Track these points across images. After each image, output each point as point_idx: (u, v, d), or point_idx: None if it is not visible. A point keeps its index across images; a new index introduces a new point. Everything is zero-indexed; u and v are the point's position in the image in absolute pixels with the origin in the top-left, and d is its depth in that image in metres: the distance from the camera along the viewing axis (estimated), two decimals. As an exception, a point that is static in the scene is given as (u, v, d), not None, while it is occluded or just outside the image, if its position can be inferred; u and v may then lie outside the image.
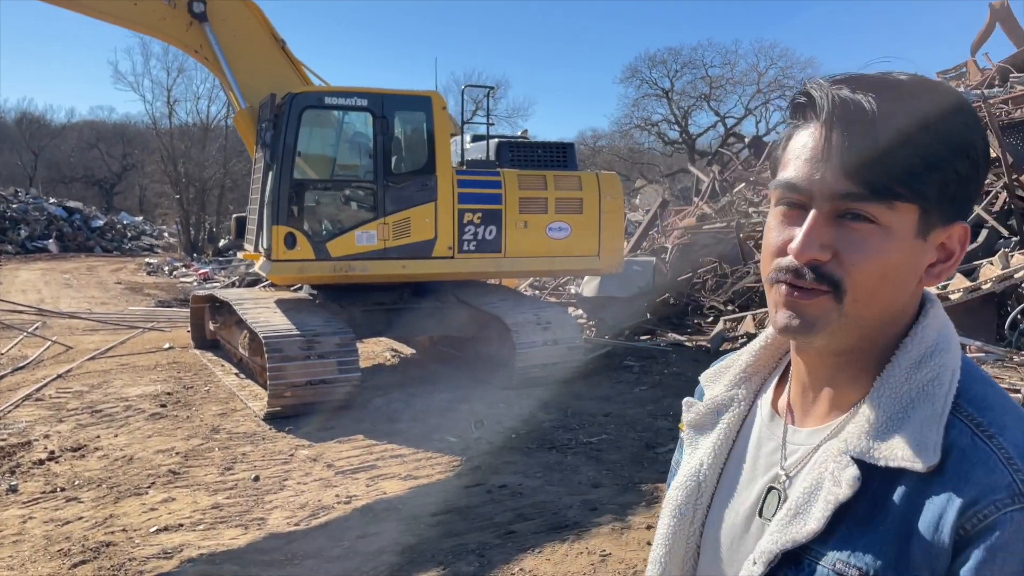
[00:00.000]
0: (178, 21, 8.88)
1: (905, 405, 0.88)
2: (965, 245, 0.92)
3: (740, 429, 1.09)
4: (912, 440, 0.85)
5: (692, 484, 1.08)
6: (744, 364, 1.11)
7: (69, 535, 4.92)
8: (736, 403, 1.09)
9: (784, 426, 1.01)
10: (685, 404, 1.15)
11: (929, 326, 0.92)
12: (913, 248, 0.88)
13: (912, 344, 0.91)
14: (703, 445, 1.10)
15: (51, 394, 8.50)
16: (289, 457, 6.42)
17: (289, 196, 8.04)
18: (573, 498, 5.43)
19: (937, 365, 0.89)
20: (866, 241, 0.87)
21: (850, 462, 0.88)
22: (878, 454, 0.87)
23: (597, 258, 9.46)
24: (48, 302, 16.61)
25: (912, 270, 0.90)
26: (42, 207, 36.35)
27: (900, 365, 0.90)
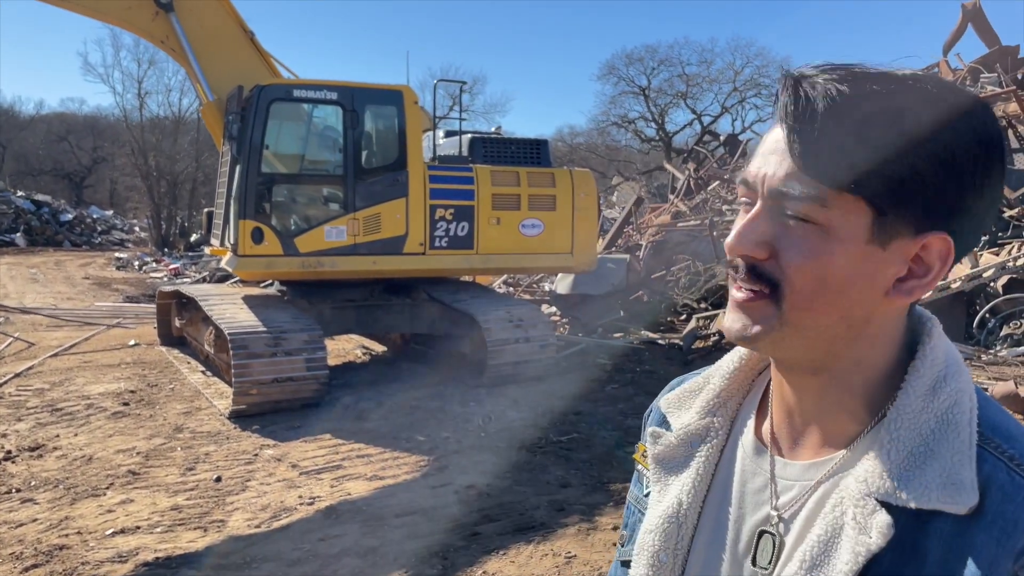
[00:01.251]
0: (144, 11, 8.68)
1: (926, 437, 0.78)
2: (947, 260, 0.80)
3: (718, 462, 0.97)
4: (944, 477, 0.75)
5: (671, 527, 0.95)
6: (717, 388, 0.99)
7: (22, 537, 4.78)
8: (713, 433, 0.98)
9: (771, 459, 0.91)
10: (651, 437, 1.02)
11: (936, 347, 0.83)
12: (865, 255, 0.78)
13: (924, 368, 0.81)
14: (678, 482, 0.97)
15: (10, 392, 8.29)
16: (253, 457, 6.30)
17: (256, 190, 7.90)
18: (540, 498, 5.36)
19: (954, 390, 0.80)
20: (804, 241, 0.79)
21: (877, 507, 0.77)
22: (907, 495, 0.76)
23: (570, 255, 9.41)
24: (13, 297, 16.27)
25: (865, 280, 0.79)
26: (9, 200, 35.61)
27: (914, 392, 0.80)
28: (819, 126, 0.76)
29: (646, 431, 1.07)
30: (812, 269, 0.79)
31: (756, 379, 1.01)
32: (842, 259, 0.78)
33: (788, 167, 0.79)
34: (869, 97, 0.76)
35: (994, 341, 8.57)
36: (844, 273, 0.79)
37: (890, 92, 0.76)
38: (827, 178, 0.76)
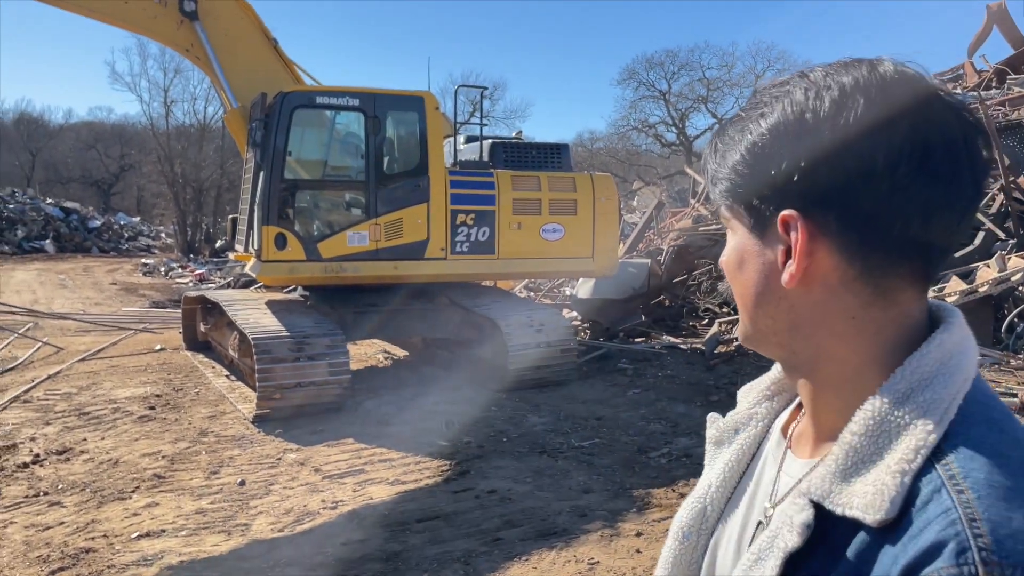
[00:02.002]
0: (169, 20, 8.81)
1: (881, 445, 0.76)
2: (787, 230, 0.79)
3: (756, 451, 1.00)
4: (873, 487, 0.74)
5: (699, 506, 1.00)
6: (768, 380, 1.02)
7: (49, 541, 4.84)
8: (755, 421, 1.01)
9: (785, 453, 0.93)
10: (709, 419, 1.07)
11: (930, 355, 0.78)
12: (754, 248, 0.85)
13: (901, 375, 0.78)
14: (716, 464, 1.02)
15: (39, 396, 8.41)
16: (276, 461, 6.34)
17: (280, 196, 7.97)
18: (563, 504, 5.34)
19: (927, 401, 0.76)
20: (726, 250, 0.90)
21: (807, 506, 0.78)
22: (837, 500, 0.76)
23: (591, 260, 9.39)
24: (43, 303, 16.53)
25: (760, 267, 0.84)
26: (39, 207, 36.23)
27: (883, 398, 0.78)
28: (704, 155, 0.91)
29: None
30: (730, 272, 0.89)
31: None
32: (736, 250, 0.87)
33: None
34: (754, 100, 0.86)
35: (1023, 346, 8.43)
36: (742, 262, 0.86)
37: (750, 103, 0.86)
38: (714, 196, 0.88)
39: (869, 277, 0.78)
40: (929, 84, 0.78)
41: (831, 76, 0.79)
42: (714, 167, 0.87)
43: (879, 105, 0.75)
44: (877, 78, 0.77)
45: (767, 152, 0.80)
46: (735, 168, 0.84)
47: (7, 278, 21.77)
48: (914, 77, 0.78)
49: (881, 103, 0.75)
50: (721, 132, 0.88)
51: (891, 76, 0.77)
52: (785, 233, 0.80)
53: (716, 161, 0.87)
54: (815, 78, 0.80)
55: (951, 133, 0.75)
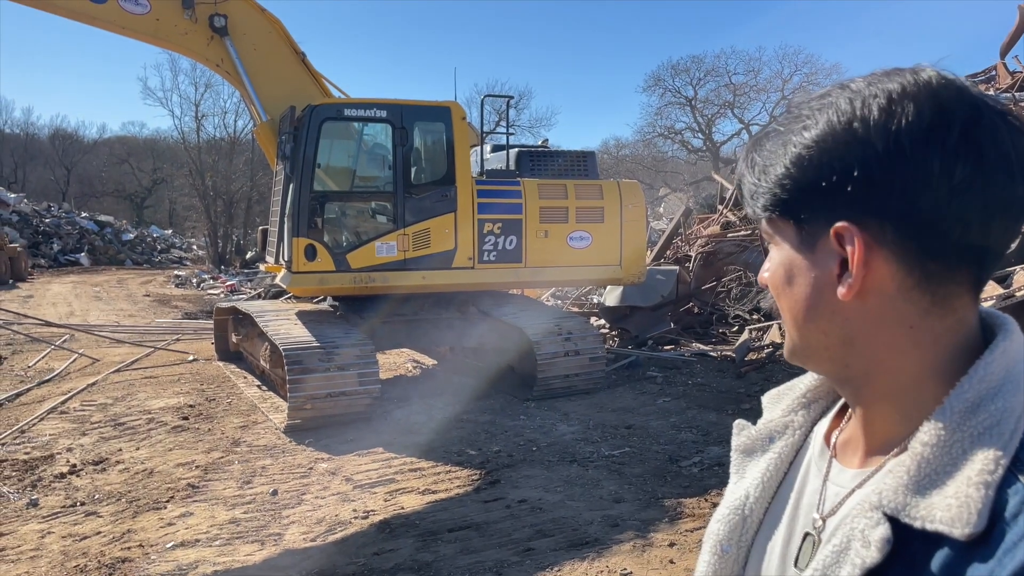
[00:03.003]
0: (199, 36, 8.95)
1: (955, 456, 0.74)
2: (843, 242, 0.78)
3: (793, 460, 0.98)
4: (956, 500, 0.72)
5: (736, 518, 0.97)
6: (805, 387, 1.00)
7: (86, 551, 4.91)
8: (791, 430, 0.99)
9: (830, 462, 0.91)
10: (736, 427, 1.05)
11: (995, 362, 0.77)
12: (803, 262, 0.83)
13: (969, 384, 0.76)
14: (751, 474, 1.00)
15: (75, 407, 8.55)
16: (308, 471, 6.38)
17: (309, 208, 8.05)
18: (594, 513, 5.31)
19: (999, 410, 0.75)
20: (770, 265, 0.88)
21: (882, 520, 0.76)
22: (915, 513, 0.74)
23: (619, 267, 9.35)
24: (78, 315, 16.83)
25: (810, 282, 0.82)
26: (74, 221, 36.99)
27: (952, 408, 0.76)
28: (739, 170, 0.88)
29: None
30: (776, 288, 0.86)
31: None
32: (783, 266, 0.85)
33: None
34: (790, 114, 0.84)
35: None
36: (790, 279, 0.84)
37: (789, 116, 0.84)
38: (757, 206, 0.86)
39: (927, 285, 0.77)
40: (970, 88, 0.77)
41: (875, 85, 0.78)
42: (753, 182, 0.85)
43: (930, 110, 0.74)
44: (923, 84, 0.76)
45: (815, 164, 0.78)
46: (779, 182, 0.82)
47: (43, 291, 22.20)
48: (958, 82, 0.77)
49: (931, 108, 0.74)
50: (757, 146, 0.86)
51: (936, 82, 0.76)
52: (839, 245, 0.78)
53: (755, 176, 0.85)
54: (857, 88, 0.79)
55: (1001, 136, 0.75)
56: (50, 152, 55.94)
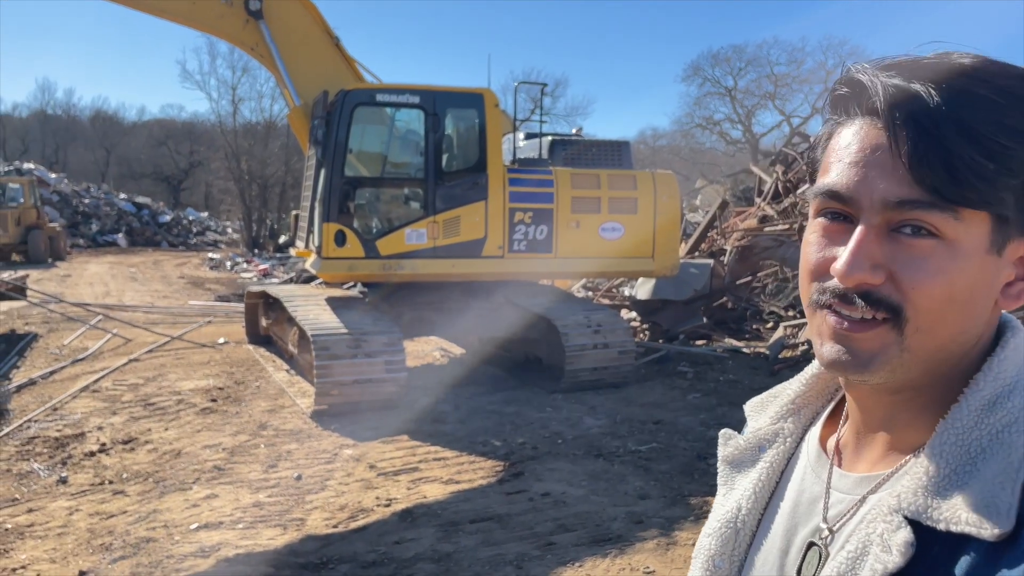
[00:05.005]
0: (235, 19, 8.96)
1: (974, 455, 0.72)
2: None
3: (784, 469, 0.94)
4: (980, 500, 0.69)
5: (728, 532, 0.93)
6: (794, 394, 0.97)
7: (112, 529, 4.95)
8: (781, 438, 0.95)
9: (830, 469, 0.87)
10: (722, 437, 1.01)
11: (1008, 359, 0.76)
12: (985, 265, 0.73)
13: (985, 381, 0.75)
14: (741, 485, 0.96)
15: (107, 386, 8.67)
16: (333, 456, 6.38)
17: (340, 193, 8.02)
18: (618, 509, 5.23)
19: (1016, 407, 0.73)
20: (929, 259, 0.72)
21: (903, 523, 0.72)
22: (938, 515, 0.71)
23: (651, 260, 9.21)
24: (113, 295, 17.10)
25: (986, 291, 0.75)
26: (113, 202, 37.58)
27: (969, 406, 0.74)
28: (935, 133, 0.69)
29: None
30: (940, 288, 0.72)
31: (838, 388, 0.96)
32: (967, 274, 0.73)
33: (903, 179, 0.71)
34: (978, 96, 0.70)
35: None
36: (969, 287, 0.73)
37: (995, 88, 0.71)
38: (954, 193, 0.70)
39: None
40: None
41: None
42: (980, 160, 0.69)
43: None
44: None
45: None
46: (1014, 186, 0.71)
47: (81, 270, 22.60)
48: None
49: None
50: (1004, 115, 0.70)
51: None
52: None
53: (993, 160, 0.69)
54: None
55: None
56: (90, 133, 56.89)
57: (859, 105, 0.75)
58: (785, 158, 18.28)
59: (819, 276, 0.78)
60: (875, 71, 0.74)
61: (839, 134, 0.77)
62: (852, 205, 0.75)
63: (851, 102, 0.76)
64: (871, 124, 0.74)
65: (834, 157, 0.77)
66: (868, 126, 0.74)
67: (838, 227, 0.76)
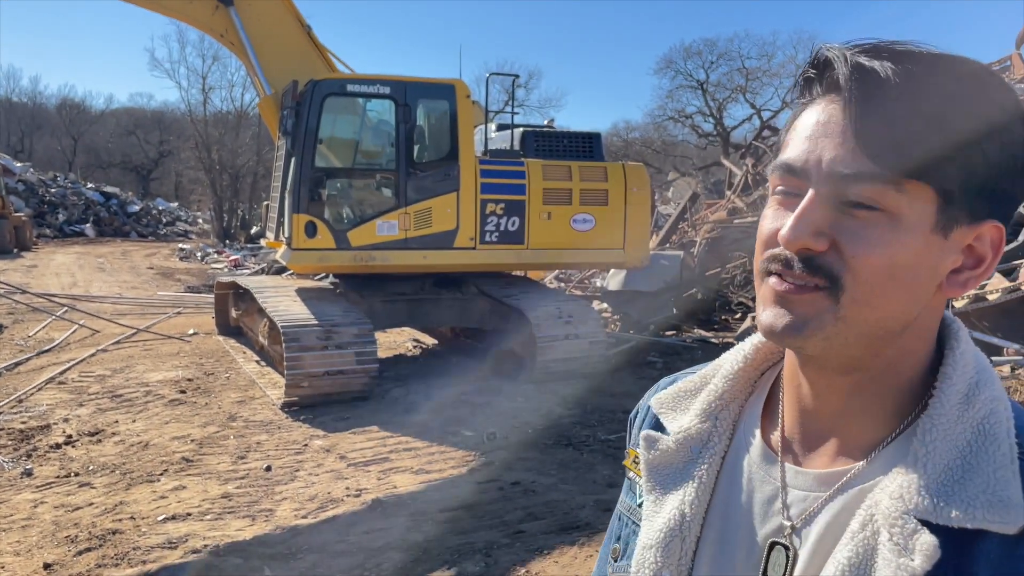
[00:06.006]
0: (205, 5, 8.85)
1: (962, 450, 0.73)
2: (999, 249, 0.77)
3: (720, 469, 0.90)
4: (988, 494, 0.70)
5: (673, 542, 0.88)
6: (719, 390, 0.93)
7: (78, 521, 4.91)
8: (716, 438, 0.91)
9: (781, 466, 0.85)
10: (645, 440, 0.94)
11: (966, 352, 0.79)
12: (929, 244, 0.74)
13: (956, 374, 0.76)
14: (677, 492, 0.90)
15: (74, 378, 8.56)
16: (303, 447, 6.37)
17: (310, 184, 7.98)
18: (586, 497, 5.29)
19: (989, 399, 0.75)
20: (871, 230, 0.73)
21: (919, 526, 0.71)
22: (951, 513, 0.70)
23: (622, 251, 9.28)
24: (80, 286, 16.85)
25: (929, 272, 0.75)
26: (80, 192, 36.95)
27: (948, 400, 0.75)
28: (888, 109, 0.72)
29: (637, 435, 1.00)
30: (879, 260, 0.74)
31: (759, 380, 0.95)
32: (909, 249, 0.74)
33: (851, 150, 0.73)
34: (933, 79, 0.72)
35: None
36: (910, 264, 0.74)
37: (950, 75, 0.73)
38: (898, 164, 0.72)
39: None
40: None
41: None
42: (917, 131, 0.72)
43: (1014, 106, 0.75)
44: None
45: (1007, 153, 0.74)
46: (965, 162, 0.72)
47: (47, 261, 22.23)
48: None
49: None
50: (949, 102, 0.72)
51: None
52: (979, 242, 0.77)
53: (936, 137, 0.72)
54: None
55: None
56: (57, 122, 55.87)
57: (823, 83, 0.78)
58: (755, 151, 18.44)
59: (769, 246, 0.79)
60: (842, 49, 0.76)
61: (802, 115, 0.80)
62: (803, 176, 0.77)
63: (816, 83, 0.79)
64: (831, 100, 0.76)
65: (793, 135, 0.79)
66: (828, 102, 0.77)
67: (791, 201, 0.78)
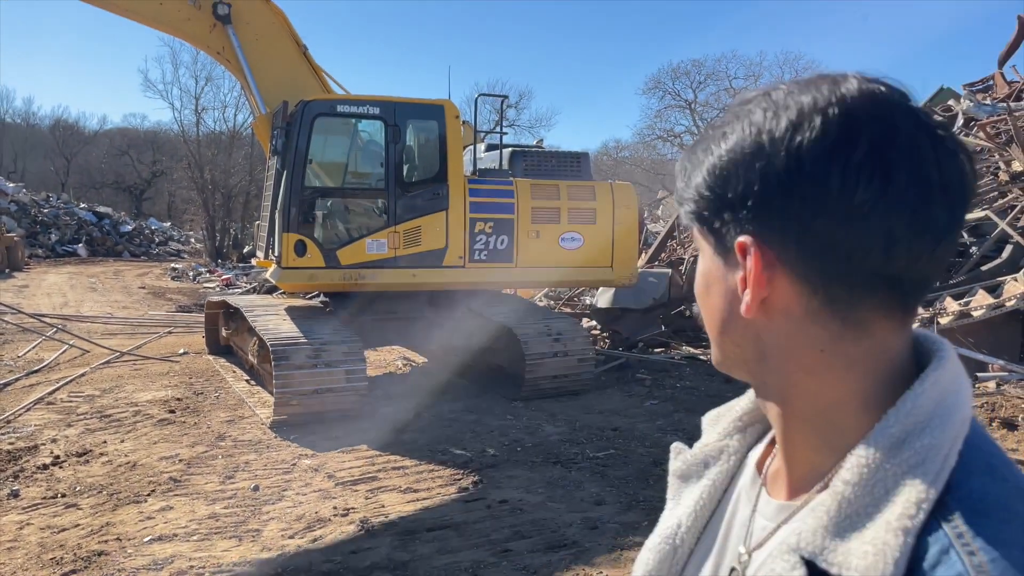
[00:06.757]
0: (202, 22, 8.94)
1: (877, 497, 0.69)
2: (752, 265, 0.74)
3: (727, 487, 0.93)
4: (873, 546, 0.67)
5: (667, 548, 0.93)
6: (740, 411, 0.95)
7: (64, 543, 4.90)
8: (726, 455, 0.94)
9: (760, 492, 0.87)
10: (673, 450, 0.99)
11: (924, 394, 0.72)
12: (719, 268, 0.80)
13: (896, 418, 0.71)
14: (685, 501, 0.95)
15: (63, 398, 8.54)
16: (291, 467, 6.37)
17: (299, 204, 8.02)
18: (574, 515, 5.30)
19: (925, 447, 0.69)
20: (699, 267, 0.85)
21: (799, 563, 0.71)
22: (833, 558, 0.69)
23: (610, 269, 9.33)
24: (72, 305, 16.81)
25: (725, 294, 0.79)
26: (73, 212, 36.92)
27: (876, 443, 0.71)
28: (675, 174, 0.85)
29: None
30: (698, 295, 0.85)
31: None
32: (705, 279, 0.83)
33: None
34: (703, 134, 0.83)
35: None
36: (711, 293, 0.82)
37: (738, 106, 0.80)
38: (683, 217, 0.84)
39: (834, 309, 0.73)
40: (898, 102, 0.72)
41: (791, 95, 0.74)
42: (680, 187, 0.83)
43: (837, 126, 0.70)
44: (837, 97, 0.71)
45: (726, 175, 0.76)
46: (698, 190, 0.79)
47: (39, 281, 22.18)
48: (880, 95, 0.72)
49: (839, 123, 0.70)
50: (690, 151, 0.83)
51: (853, 95, 0.71)
52: (743, 259, 0.75)
53: (683, 181, 0.82)
54: (776, 97, 0.75)
55: (920, 155, 0.69)
56: (50, 142, 55.90)
57: None
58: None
59: None
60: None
61: None
62: None
63: None
64: None
65: None
66: None
67: None
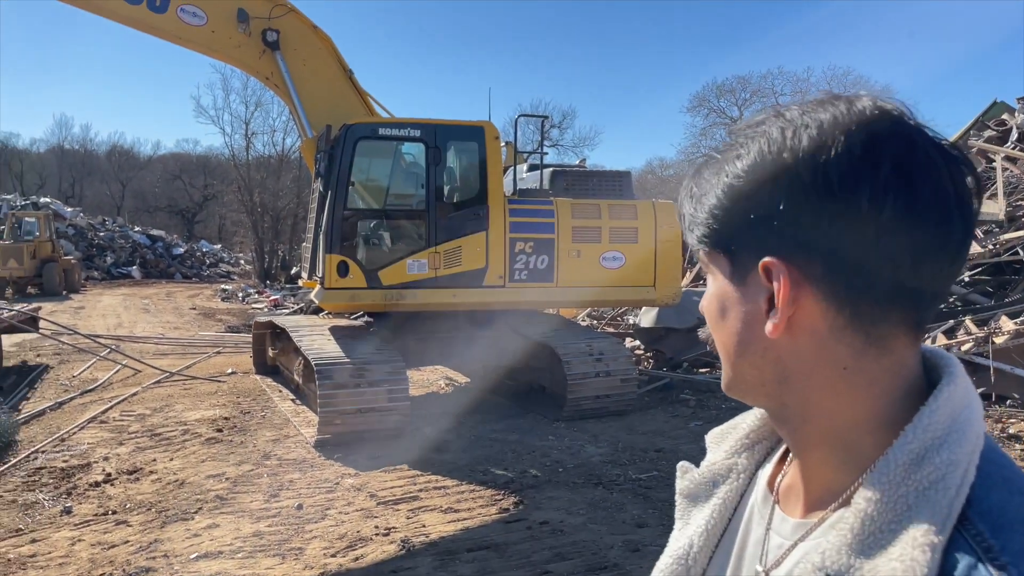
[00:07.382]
0: (252, 49, 9.21)
1: (899, 513, 0.70)
2: (781, 286, 0.74)
3: (737, 506, 0.93)
4: (901, 563, 0.67)
5: (679, 569, 0.93)
6: (747, 429, 0.96)
7: (113, 559, 5.00)
8: (735, 474, 0.94)
9: (773, 510, 0.87)
10: (679, 469, 1.00)
11: (939, 410, 0.73)
12: (735, 293, 0.80)
13: (915, 433, 0.72)
14: (695, 521, 0.95)
15: (115, 417, 8.76)
16: (334, 485, 6.42)
17: (342, 225, 8.16)
18: (615, 538, 5.24)
19: (944, 463, 0.70)
20: (708, 294, 0.85)
21: None
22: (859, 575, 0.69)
23: (653, 288, 9.27)
24: (125, 326, 17.28)
25: (744, 317, 0.79)
26: (128, 235, 38.08)
27: (896, 460, 0.71)
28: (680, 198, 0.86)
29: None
30: (711, 319, 0.84)
31: None
32: (716, 300, 0.82)
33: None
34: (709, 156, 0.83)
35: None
36: (728, 317, 0.81)
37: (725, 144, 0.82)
38: (692, 242, 0.85)
39: (859, 325, 0.73)
40: (909, 119, 0.73)
41: (808, 114, 0.75)
42: (690, 212, 0.83)
43: (860, 142, 0.71)
44: (856, 114, 0.72)
45: (744, 194, 0.76)
46: (712, 212, 0.79)
47: (94, 302, 22.85)
48: (894, 112, 0.73)
49: (862, 140, 0.71)
50: (696, 175, 0.83)
51: (870, 112, 0.72)
52: (768, 280, 0.75)
53: (692, 206, 0.82)
54: (791, 116, 0.76)
55: (938, 171, 0.71)
56: (107, 168, 57.84)
57: None
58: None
59: None
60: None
61: None
62: None
63: None
64: None
65: None
66: None
67: None
